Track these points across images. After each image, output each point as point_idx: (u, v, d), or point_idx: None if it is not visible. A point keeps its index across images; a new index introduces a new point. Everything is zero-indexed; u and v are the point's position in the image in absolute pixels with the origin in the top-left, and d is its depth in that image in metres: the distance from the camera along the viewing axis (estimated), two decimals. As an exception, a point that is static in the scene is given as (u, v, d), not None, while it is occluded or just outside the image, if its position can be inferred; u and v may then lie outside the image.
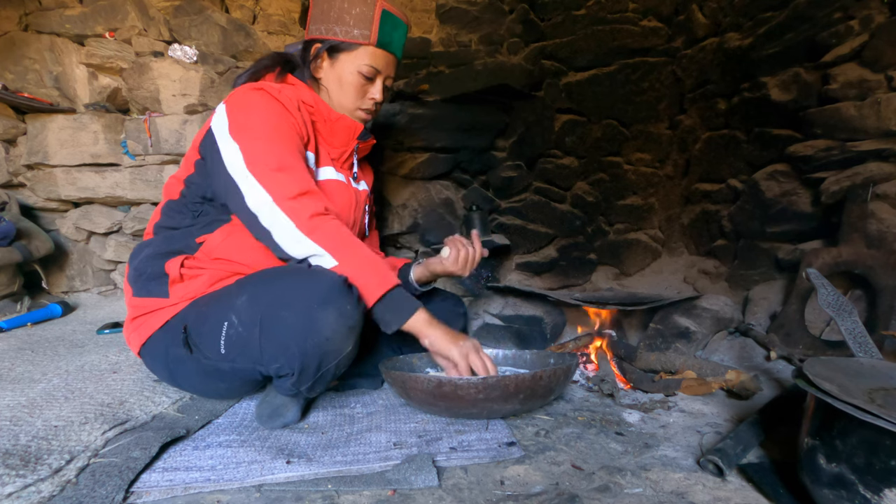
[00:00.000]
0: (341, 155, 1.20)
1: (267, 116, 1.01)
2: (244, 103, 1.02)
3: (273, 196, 0.94)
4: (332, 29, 1.11)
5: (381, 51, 1.13)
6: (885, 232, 1.38)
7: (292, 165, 0.98)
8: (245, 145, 0.97)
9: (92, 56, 2.01)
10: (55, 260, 2.08)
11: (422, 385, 0.94)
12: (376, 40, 1.11)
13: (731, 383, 1.17)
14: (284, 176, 0.96)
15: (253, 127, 0.99)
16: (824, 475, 0.63)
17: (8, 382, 1.10)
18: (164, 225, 1.09)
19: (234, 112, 1.01)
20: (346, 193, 1.19)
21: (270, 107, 1.02)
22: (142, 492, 0.73)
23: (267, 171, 0.96)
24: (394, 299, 0.98)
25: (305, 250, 0.95)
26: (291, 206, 0.94)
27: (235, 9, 2.28)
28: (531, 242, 2.10)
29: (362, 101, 1.17)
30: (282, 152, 0.99)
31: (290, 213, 0.94)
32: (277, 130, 1.01)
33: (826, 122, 1.50)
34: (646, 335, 1.60)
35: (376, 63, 1.13)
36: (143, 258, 1.05)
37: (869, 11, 1.42)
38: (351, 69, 1.13)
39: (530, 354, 1.24)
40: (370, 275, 0.96)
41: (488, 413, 0.97)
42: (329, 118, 1.15)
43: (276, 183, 0.95)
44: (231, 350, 0.92)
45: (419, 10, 2.28)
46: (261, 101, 1.02)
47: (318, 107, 1.13)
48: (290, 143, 1.02)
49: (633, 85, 2.15)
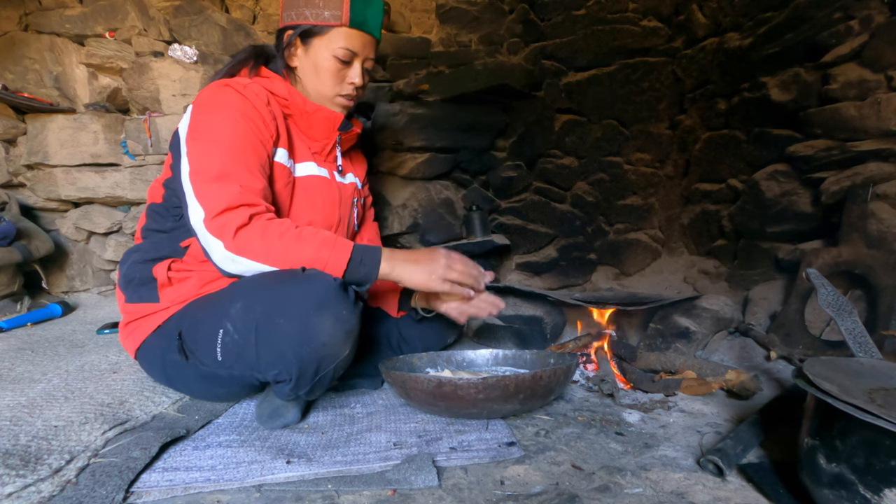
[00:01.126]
0: (323, 148, 1.16)
1: (223, 118, 0.96)
2: (207, 102, 0.98)
3: (205, 212, 0.90)
4: (303, 13, 1.04)
5: (356, 31, 1.06)
6: (885, 232, 1.38)
7: (233, 173, 0.92)
8: (193, 152, 0.94)
9: (92, 56, 2.01)
10: (55, 260, 2.08)
11: (422, 385, 0.94)
12: (349, 20, 1.04)
13: (731, 383, 1.17)
14: (219, 187, 0.91)
15: (206, 130, 0.95)
16: (824, 475, 0.63)
17: (8, 382, 1.10)
18: (150, 228, 1.07)
19: (195, 113, 0.98)
20: (329, 189, 1.16)
21: (232, 105, 0.97)
22: (142, 492, 0.73)
23: (204, 181, 0.91)
24: (358, 262, 0.94)
25: (244, 268, 0.91)
26: (217, 224, 0.89)
27: (235, 9, 2.28)
28: (531, 242, 2.10)
29: (341, 86, 1.10)
30: (227, 158, 0.93)
31: (217, 233, 0.89)
32: (233, 132, 0.95)
33: (826, 122, 1.50)
34: (646, 335, 1.60)
35: (351, 45, 1.06)
36: (131, 264, 1.04)
37: (869, 11, 1.42)
38: (325, 54, 1.06)
39: (530, 354, 1.24)
40: (324, 254, 0.92)
41: (488, 413, 0.97)
42: (305, 110, 1.09)
43: (209, 196, 0.90)
44: (228, 357, 0.92)
45: (419, 10, 2.28)
46: (222, 100, 0.97)
47: (293, 99, 1.08)
48: (243, 145, 0.96)
49: (633, 85, 2.15)
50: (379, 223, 1.91)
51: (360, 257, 0.94)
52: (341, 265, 0.92)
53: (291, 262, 0.91)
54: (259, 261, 0.90)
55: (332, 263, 0.92)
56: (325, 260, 0.91)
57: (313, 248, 0.92)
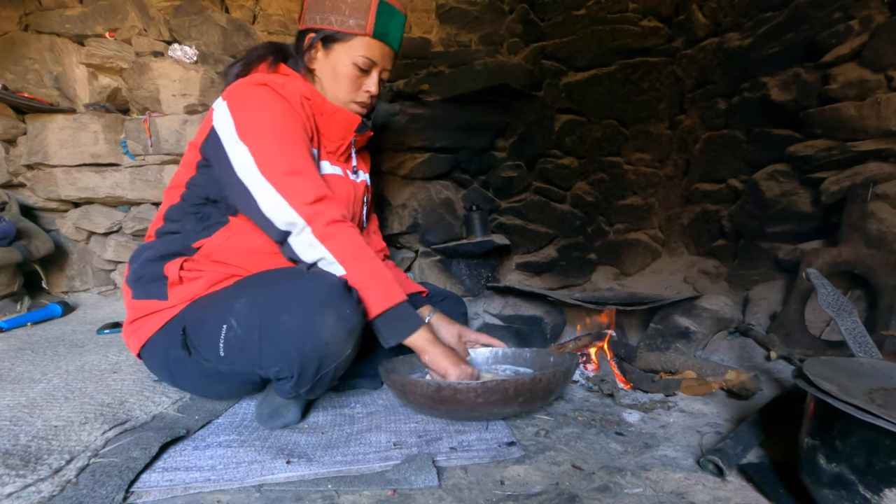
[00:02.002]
0: (338, 148, 1.18)
1: (273, 115, 0.99)
2: (248, 101, 1.00)
3: (289, 201, 0.93)
4: (328, 18, 1.08)
5: (378, 42, 1.10)
6: (885, 232, 1.38)
7: (304, 168, 0.97)
8: (255, 148, 0.96)
9: (92, 56, 2.01)
10: (55, 260, 2.08)
11: (421, 389, 0.94)
12: (373, 31, 1.08)
13: (731, 383, 1.17)
14: (298, 180, 0.95)
15: (260, 127, 0.97)
16: (824, 475, 0.63)
17: (8, 382, 1.10)
18: (166, 231, 1.08)
19: (238, 111, 0.99)
20: (346, 187, 1.18)
21: (275, 104, 1.00)
22: (142, 492, 0.73)
23: (280, 175, 0.94)
24: (398, 315, 0.97)
25: (317, 255, 0.94)
26: (309, 211, 0.94)
27: (235, 9, 2.28)
28: (531, 242, 2.10)
29: (357, 93, 1.14)
30: (293, 154, 0.97)
31: (309, 218, 0.93)
32: (286, 130, 0.99)
33: (826, 122, 1.50)
34: (646, 335, 1.60)
35: (372, 54, 1.10)
36: (143, 261, 1.05)
37: (869, 11, 1.42)
38: (346, 60, 1.10)
39: (530, 353, 1.24)
40: (376, 287, 0.96)
41: (488, 416, 0.97)
42: (326, 111, 1.12)
43: (291, 187, 0.94)
44: (230, 353, 0.92)
45: (419, 10, 2.28)
46: (265, 99, 1.00)
47: (316, 99, 1.11)
48: (300, 144, 1.00)
49: (633, 85, 2.15)
50: (379, 223, 1.92)
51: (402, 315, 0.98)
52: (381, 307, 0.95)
53: (353, 270, 0.94)
54: (336, 256, 0.94)
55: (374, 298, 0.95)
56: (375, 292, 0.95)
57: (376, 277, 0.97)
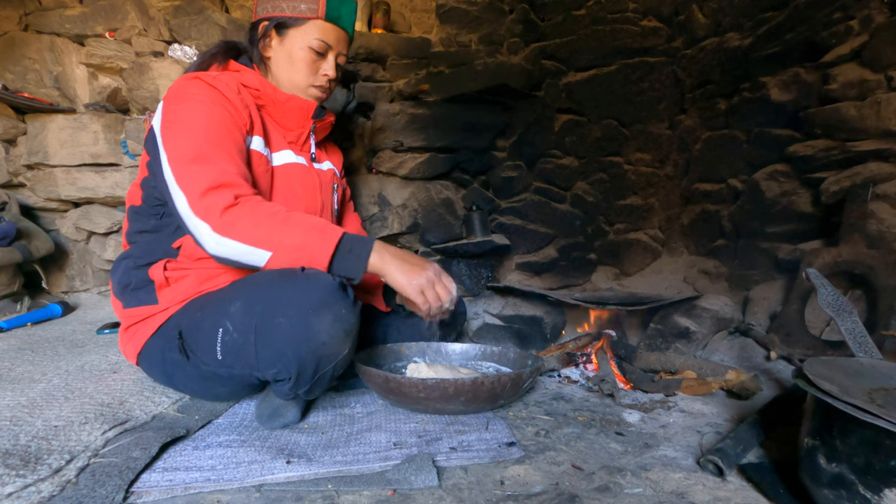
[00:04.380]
0: (298, 137, 1.18)
1: (196, 105, 0.96)
2: (177, 94, 0.98)
3: (187, 196, 0.89)
4: (279, 6, 1.09)
5: (331, 25, 1.11)
6: (885, 232, 1.38)
7: (210, 155, 0.92)
8: (168, 140, 0.93)
9: (92, 56, 2.01)
10: (55, 260, 2.08)
11: (375, 379, 1.01)
12: (325, 13, 1.09)
13: (731, 383, 1.17)
14: (198, 168, 0.90)
15: (179, 118, 0.95)
16: (824, 475, 0.63)
17: (8, 382, 1.10)
18: (135, 230, 1.07)
19: (166, 106, 0.98)
20: (309, 176, 1.17)
21: (202, 95, 0.97)
22: (142, 492, 0.73)
23: (182, 165, 0.91)
24: (345, 249, 0.92)
25: (231, 251, 0.89)
26: (202, 206, 0.88)
27: (235, 9, 2.28)
28: (531, 242, 2.10)
29: (315, 77, 1.14)
30: (203, 141, 0.93)
31: (204, 216, 0.88)
32: (208, 118, 0.95)
33: (826, 122, 1.50)
34: (646, 335, 1.60)
35: (326, 37, 1.11)
36: (124, 270, 1.04)
37: (869, 11, 1.42)
38: (301, 44, 1.10)
39: (514, 353, 1.26)
40: (312, 239, 0.90)
41: (434, 410, 1.02)
42: (277, 99, 1.11)
43: (189, 178, 0.90)
44: (228, 356, 0.92)
45: (419, 10, 2.28)
46: (193, 91, 0.98)
47: (265, 89, 1.10)
48: (219, 130, 0.96)
49: (633, 85, 2.15)
50: (379, 223, 1.92)
51: (349, 246, 0.92)
52: (328, 250, 0.90)
53: (277, 244, 0.89)
54: (246, 242, 0.88)
55: (319, 249, 0.90)
56: (313, 245, 0.90)
57: (301, 231, 0.90)
